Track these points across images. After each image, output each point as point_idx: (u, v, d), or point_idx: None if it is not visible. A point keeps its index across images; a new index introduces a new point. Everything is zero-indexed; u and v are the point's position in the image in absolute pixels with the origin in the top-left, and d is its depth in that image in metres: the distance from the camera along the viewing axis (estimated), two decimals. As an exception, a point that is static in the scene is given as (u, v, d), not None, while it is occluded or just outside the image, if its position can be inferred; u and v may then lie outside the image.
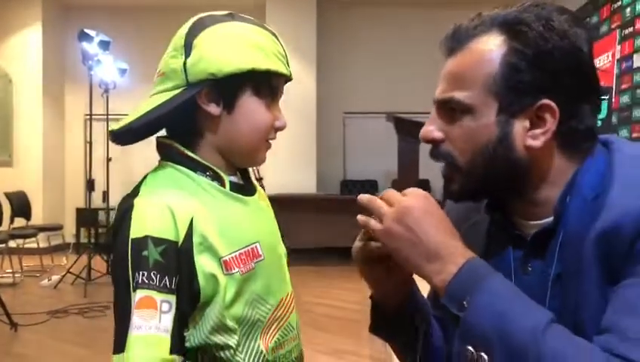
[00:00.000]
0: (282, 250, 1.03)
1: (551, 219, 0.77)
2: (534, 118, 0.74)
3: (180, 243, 0.83)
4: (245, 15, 0.96)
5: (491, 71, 0.74)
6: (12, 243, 6.08)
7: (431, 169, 0.87)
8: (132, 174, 6.79)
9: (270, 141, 0.97)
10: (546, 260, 0.77)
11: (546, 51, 0.72)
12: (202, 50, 0.89)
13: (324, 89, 7.99)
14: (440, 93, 0.79)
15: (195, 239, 0.84)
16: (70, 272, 5.61)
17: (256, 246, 0.92)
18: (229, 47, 0.89)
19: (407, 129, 5.09)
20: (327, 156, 8.03)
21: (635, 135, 5.11)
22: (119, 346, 0.83)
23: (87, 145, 5.88)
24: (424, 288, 0.90)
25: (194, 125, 0.93)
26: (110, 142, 0.97)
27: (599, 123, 1.99)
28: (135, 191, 0.90)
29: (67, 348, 3.80)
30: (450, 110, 0.77)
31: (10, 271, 5.87)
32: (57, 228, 7.13)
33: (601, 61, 3.60)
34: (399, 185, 5.17)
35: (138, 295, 0.81)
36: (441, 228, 0.74)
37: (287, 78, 0.97)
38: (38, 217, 7.21)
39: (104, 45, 5.93)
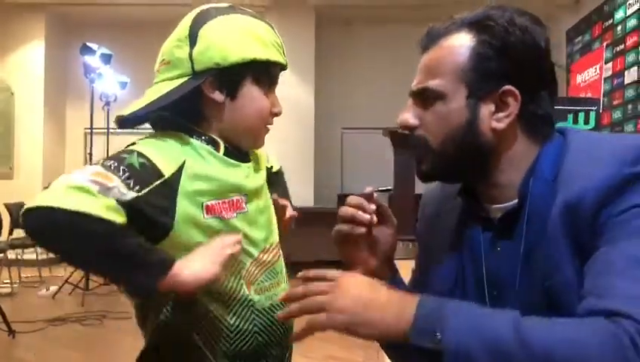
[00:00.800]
0: (270, 207, 1.10)
1: (515, 201, 0.83)
2: (499, 102, 0.82)
3: (167, 177, 0.90)
4: (245, 8, 1.04)
5: (461, 60, 0.82)
6: (11, 254, 6.11)
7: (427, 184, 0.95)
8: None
9: (268, 125, 1.05)
10: (514, 240, 0.83)
11: (511, 43, 0.80)
12: (208, 40, 0.96)
13: (323, 104, 8.08)
14: (415, 85, 0.87)
15: (183, 178, 0.91)
16: (68, 282, 5.64)
17: (239, 199, 0.99)
18: (233, 37, 0.96)
19: (403, 144, 5.16)
20: (325, 170, 8.10)
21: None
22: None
23: (88, 156, 5.94)
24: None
25: (198, 112, 1.00)
26: (109, 154, 1.07)
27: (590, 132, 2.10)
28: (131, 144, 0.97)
29: (64, 354, 3.83)
30: (424, 98, 0.85)
31: (9, 281, 5.90)
32: (56, 239, 7.17)
33: (589, 74, 3.70)
34: (395, 199, 5.22)
35: (98, 168, 0.86)
36: (380, 287, 0.76)
37: (283, 67, 1.04)
38: (37, 229, 7.25)
39: (106, 58, 6.03)
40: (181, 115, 1.01)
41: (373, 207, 0.88)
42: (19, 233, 6.48)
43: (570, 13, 7.35)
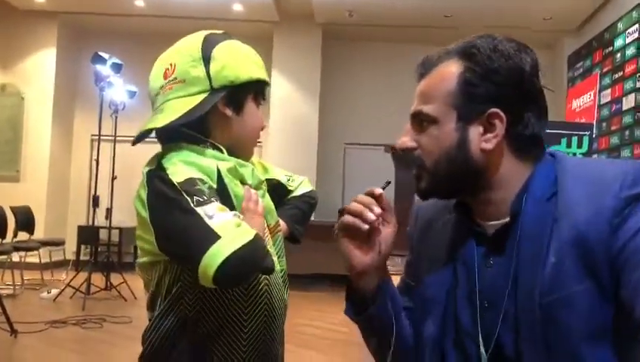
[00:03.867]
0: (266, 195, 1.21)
1: (508, 219, 0.88)
2: (486, 124, 0.87)
3: (216, 187, 1.03)
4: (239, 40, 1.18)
5: (451, 87, 0.88)
6: (15, 257, 6.19)
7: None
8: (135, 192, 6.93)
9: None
10: (506, 256, 0.87)
11: (493, 69, 0.86)
12: (223, 60, 1.08)
13: (327, 120, 8.20)
14: (412, 109, 0.93)
15: (225, 178, 1.06)
16: (70, 286, 5.71)
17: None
18: (241, 59, 1.11)
19: (404, 160, 5.21)
20: (326, 185, 8.18)
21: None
22: (203, 244, 0.93)
23: (95, 162, 6.05)
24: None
25: (206, 125, 1.10)
26: (115, 161, 1.22)
27: (581, 157, 2.18)
28: (157, 164, 1.06)
29: (64, 355, 3.90)
30: (420, 122, 0.91)
31: (11, 283, 5.99)
32: (60, 243, 7.26)
33: (584, 100, 3.81)
34: (396, 217, 5.30)
35: (210, 206, 0.96)
36: None
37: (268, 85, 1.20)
38: (40, 232, 7.34)
39: (116, 68, 6.15)
40: (189, 126, 1.10)
41: (379, 210, 0.93)
42: (23, 236, 6.59)
43: (572, 39, 7.49)
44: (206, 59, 1.08)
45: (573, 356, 0.79)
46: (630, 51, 5.74)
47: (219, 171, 1.06)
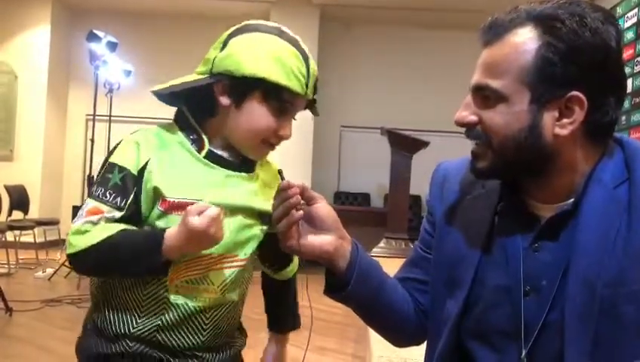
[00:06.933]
0: (246, 222, 1.11)
1: (569, 201, 0.82)
2: (563, 109, 0.78)
3: (135, 174, 1.04)
4: (292, 34, 1.09)
5: (525, 63, 0.78)
6: (9, 236, 6.18)
7: (422, 185, 0.94)
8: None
9: (271, 144, 1.10)
10: (559, 242, 0.82)
11: (578, 47, 0.75)
12: (232, 49, 1.05)
13: (323, 102, 8.11)
14: (476, 80, 0.83)
15: (146, 173, 1.04)
16: (65, 265, 5.71)
17: (196, 203, 1.01)
18: (252, 53, 1.03)
19: (400, 143, 5.19)
20: (322, 167, 8.18)
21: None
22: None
23: (90, 142, 6.01)
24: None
25: (209, 110, 1.10)
26: (110, 141, 1.24)
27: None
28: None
29: (59, 333, 3.91)
30: (484, 97, 0.82)
31: (6, 262, 5.99)
32: (54, 222, 7.24)
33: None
34: (391, 199, 5.28)
35: (91, 203, 1.04)
36: None
37: (303, 97, 1.09)
38: (35, 212, 7.33)
39: (111, 46, 6.09)
40: (195, 108, 1.11)
41: (296, 190, 0.90)
42: (18, 215, 6.57)
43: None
44: (223, 46, 1.06)
45: (623, 349, 0.75)
46: (628, 36, 5.72)
47: (148, 162, 1.05)
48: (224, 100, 1.06)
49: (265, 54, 1.03)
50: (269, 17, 7.81)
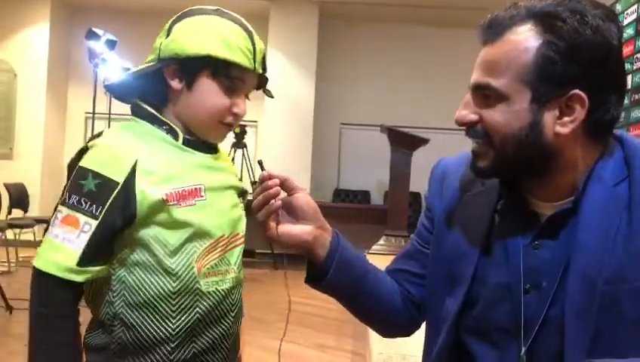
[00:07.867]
0: (235, 200, 1.15)
1: (569, 200, 0.82)
2: (564, 107, 0.78)
3: (121, 183, 1.00)
4: (233, 14, 1.10)
5: (526, 61, 0.77)
6: (9, 234, 6.17)
7: (421, 182, 0.93)
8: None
9: (229, 124, 1.10)
10: (559, 240, 0.82)
11: (579, 45, 0.75)
12: (176, 34, 1.06)
13: (323, 100, 8.15)
14: (476, 79, 0.82)
15: (138, 176, 1.01)
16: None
17: (198, 188, 1.06)
18: (196, 34, 1.05)
19: (400, 141, 5.18)
20: (322, 165, 8.18)
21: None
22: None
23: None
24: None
25: (163, 95, 1.10)
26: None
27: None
28: (100, 134, 1.09)
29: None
30: (484, 96, 0.82)
31: (6, 260, 5.98)
32: (54, 221, 7.24)
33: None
34: (391, 197, 5.26)
35: (65, 211, 1.01)
36: None
37: (261, 75, 1.11)
38: (35, 210, 7.32)
39: (111, 44, 6.08)
40: (149, 97, 1.11)
41: (276, 181, 0.91)
42: (17, 213, 6.57)
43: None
44: (168, 32, 1.08)
45: (623, 345, 0.75)
46: (628, 32, 5.71)
47: (136, 163, 1.01)
48: (175, 84, 1.07)
49: (207, 33, 1.05)
50: (269, 15, 7.80)
